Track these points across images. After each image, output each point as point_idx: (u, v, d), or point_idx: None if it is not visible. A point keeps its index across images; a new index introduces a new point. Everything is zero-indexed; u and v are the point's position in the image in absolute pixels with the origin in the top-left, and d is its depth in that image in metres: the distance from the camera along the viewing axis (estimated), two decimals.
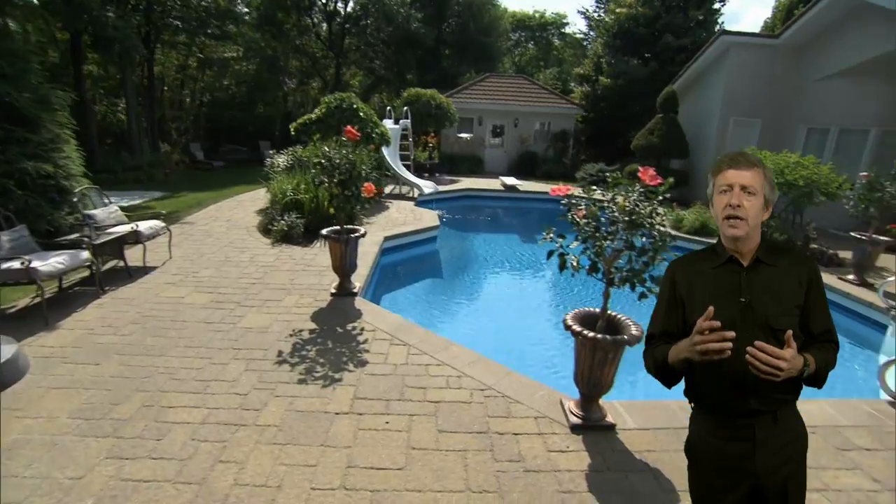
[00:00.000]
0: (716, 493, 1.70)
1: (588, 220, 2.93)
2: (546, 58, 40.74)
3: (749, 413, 1.62)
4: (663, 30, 18.40)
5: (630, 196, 2.85)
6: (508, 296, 7.81)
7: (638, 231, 2.83)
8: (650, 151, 14.28)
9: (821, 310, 1.64)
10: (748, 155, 1.62)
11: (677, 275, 1.74)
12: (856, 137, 11.79)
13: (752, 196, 1.57)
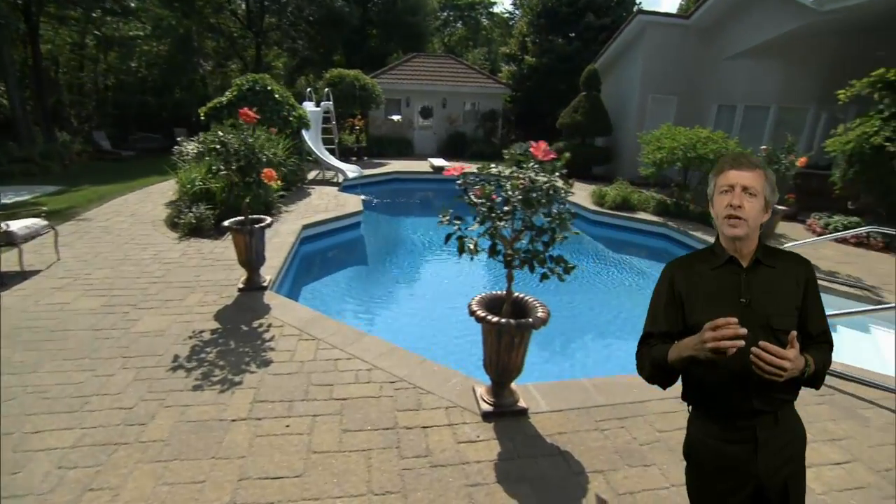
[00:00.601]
0: (719, 496, 1.69)
1: (483, 201, 2.78)
2: (475, 38, 40.54)
3: (751, 414, 1.62)
4: (585, 9, 18.68)
5: (525, 173, 2.72)
6: (435, 280, 7.69)
7: (535, 210, 2.71)
8: (575, 129, 14.53)
9: (818, 311, 1.67)
10: (750, 156, 1.62)
11: (676, 275, 1.72)
12: (759, 114, 12.51)
13: (753, 197, 1.56)
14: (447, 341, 5.35)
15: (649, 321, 1.78)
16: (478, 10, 41.25)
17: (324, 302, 6.36)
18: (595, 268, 8.29)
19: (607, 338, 5.95)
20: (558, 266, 2.79)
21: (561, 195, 2.75)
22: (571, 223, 2.79)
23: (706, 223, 9.20)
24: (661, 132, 9.62)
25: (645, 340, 1.77)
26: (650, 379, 1.74)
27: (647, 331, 1.78)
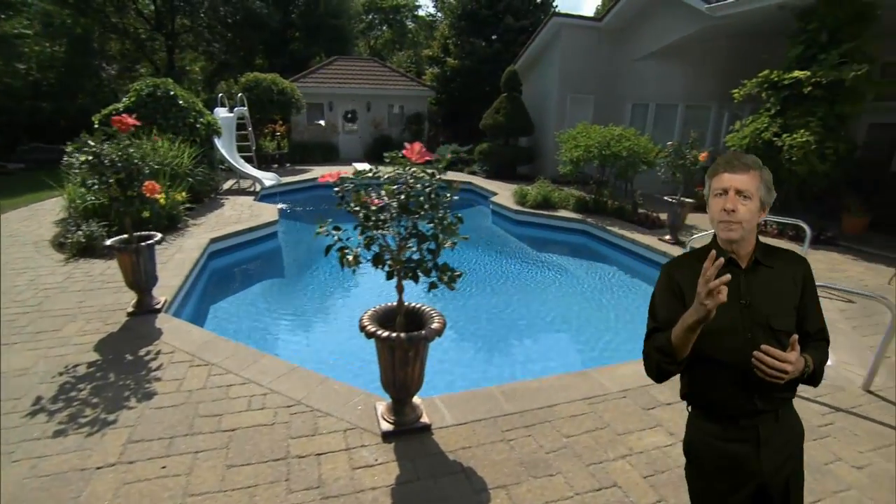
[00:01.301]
0: (721, 495, 1.70)
1: (359, 208, 2.59)
2: (401, 40, 40.38)
3: (753, 413, 1.62)
4: (505, 11, 18.96)
5: (403, 177, 2.55)
6: (355, 292, 7.39)
7: (418, 216, 2.55)
8: (498, 130, 14.67)
9: (815, 309, 1.68)
10: (745, 157, 1.59)
11: (676, 273, 1.72)
12: (669, 111, 13.14)
13: (748, 200, 1.55)
14: (364, 355, 5.10)
15: (652, 319, 1.75)
16: (403, 13, 41.14)
17: (230, 321, 5.94)
18: (519, 267, 8.32)
19: (532, 338, 5.93)
20: (445, 274, 2.64)
21: (445, 200, 2.61)
22: (457, 228, 2.64)
23: (623, 218, 9.50)
24: (577, 131, 9.84)
25: (650, 335, 1.73)
26: (658, 373, 1.67)
27: (650, 328, 1.75)
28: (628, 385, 3.75)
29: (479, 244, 9.74)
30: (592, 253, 8.91)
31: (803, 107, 8.76)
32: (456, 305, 6.83)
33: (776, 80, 9.02)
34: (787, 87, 8.92)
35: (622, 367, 4.05)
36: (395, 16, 41.20)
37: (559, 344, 5.82)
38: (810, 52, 8.89)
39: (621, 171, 9.22)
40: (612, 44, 14.09)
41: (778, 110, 9.11)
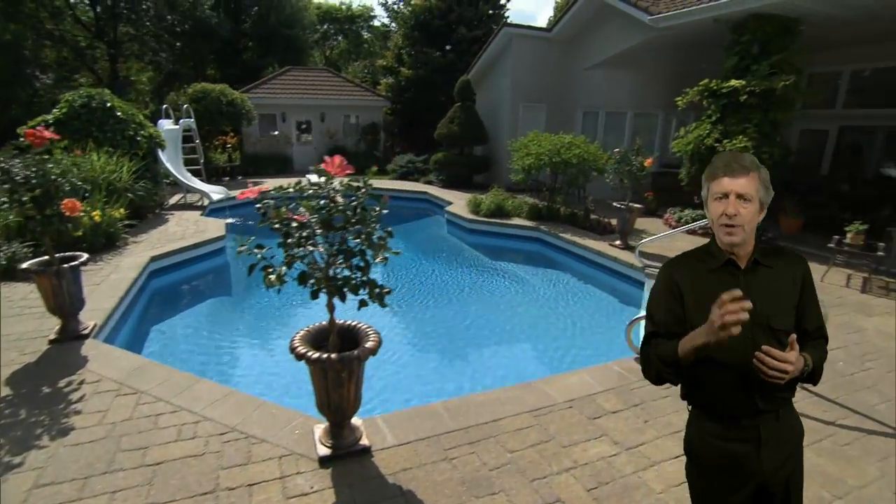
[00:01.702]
0: (721, 494, 1.70)
1: (279, 225, 2.46)
2: (357, 51, 40.18)
3: (754, 413, 1.62)
4: (457, 22, 19.10)
5: (324, 192, 2.44)
6: (303, 310, 7.14)
7: (343, 231, 2.45)
8: (452, 139, 14.70)
9: (813, 307, 1.68)
10: (743, 159, 1.58)
11: (675, 274, 1.71)
12: (618, 119, 13.49)
13: (748, 202, 1.55)
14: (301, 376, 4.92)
15: (651, 321, 1.74)
16: (358, 24, 41.01)
17: (170, 344, 5.64)
18: (475, 277, 8.29)
19: (488, 348, 5.87)
20: (374, 291, 2.53)
21: (374, 214, 2.51)
22: (387, 242, 2.54)
23: (575, 224, 9.63)
24: (529, 139, 9.94)
25: (649, 341, 1.72)
26: (657, 379, 1.68)
27: (649, 331, 1.73)
28: (575, 395, 3.73)
29: (434, 254, 9.68)
30: (546, 260, 8.98)
31: (741, 114, 9.13)
32: (411, 317, 6.73)
33: (715, 88, 9.38)
34: (725, 96, 9.28)
35: (569, 376, 4.03)
36: (351, 26, 41.05)
37: (513, 354, 5.79)
38: (744, 63, 9.29)
39: (572, 178, 9.36)
40: (562, 53, 14.37)
41: (718, 117, 9.47)
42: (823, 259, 7.92)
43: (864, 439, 3.45)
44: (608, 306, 6.95)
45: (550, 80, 14.51)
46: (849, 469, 3.11)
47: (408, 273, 8.69)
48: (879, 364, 4.65)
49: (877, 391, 4.13)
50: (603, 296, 7.35)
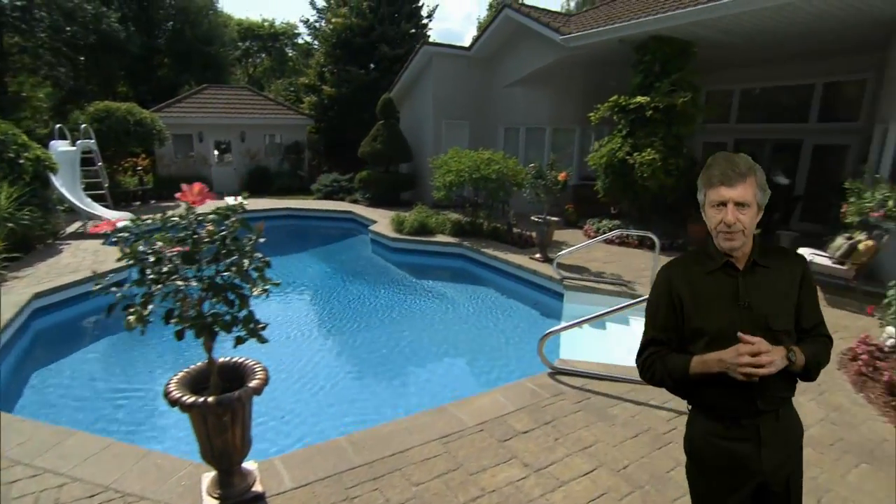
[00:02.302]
0: (721, 494, 1.70)
1: (136, 259, 2.22)
2: (282, 68, 39.29)
3: (754, 413, 1.62)
4: (379, 40, 19.10)
5: (186, 223, 2.23)
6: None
7: (209, 266, 2.24)
8: (376, 157, 14.58)
9: (811, 305, 1.68)
10: (738, 164, 1.58)
11: (673, 278, 1.71)
12: (538, 134, 13.91)
13: (747, 208, 1.57)
14: None
15: (650, 326, 1.76)
16: (282, 41, 40.19)
17: (49, 394, 5.03)
18: (399, 297, 8.13)
19: (410, 370, 5.72)
20: (248, 325, 2.34)
21: (245, 244, 2.32)
22: (264, 272, 2.35)
23: (498, 239, 9.74)
24: (449, 156, 10.00)
25: (647, 346, 1.74)
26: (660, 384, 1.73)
27: (649, 336, 1.75)
28: (486, 416, 3.65)
29: (358, 275, 9.44)
30: (470, 276, 9.00)
31: (648, 128, 9.66)
32: (330, 343, 6.48)
33: (624, 104, 9.88)
34: (633, 111, 9.79)
35: (482, 397, 3.96)
36: (274, 43, 40.15)
37: (433, 375, 5.66)
38: (648, 81, 9.86)
39: (492, 193, 9.49)
40: (482, 71, 14.69)
41: (628, 131, 9.97)
42: None
43: None
44: (529, 320, 7.02)
45: (472, 97, 14.77)
46: None
47: (330, 296, 8.40)
48: None
49: None
50: (524, 309, 7.41)
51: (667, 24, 9.08)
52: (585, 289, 6.99)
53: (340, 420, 4.46)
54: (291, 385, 5.11)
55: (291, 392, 4.96)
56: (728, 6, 7.99)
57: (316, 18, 23.49)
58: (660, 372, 1.69)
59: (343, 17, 19.24)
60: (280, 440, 4.05)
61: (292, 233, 13.81)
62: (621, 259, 8.74)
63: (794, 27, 8.81)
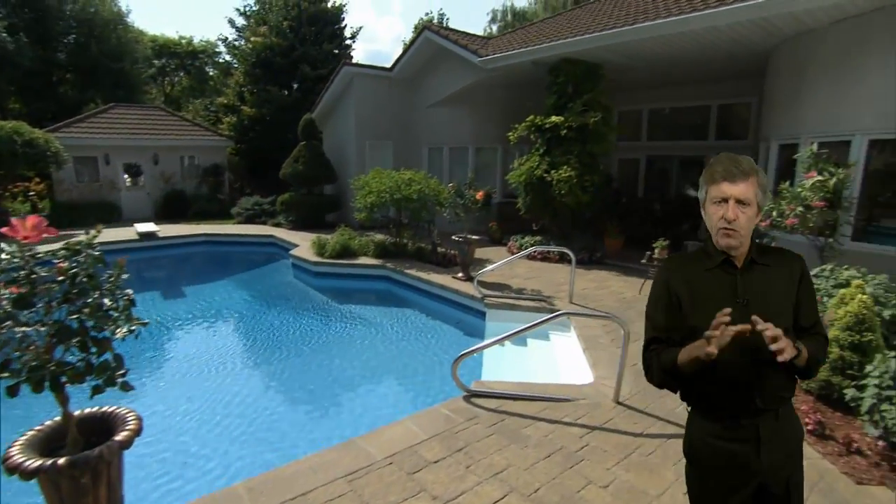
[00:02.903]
0: (721, 495, 1.69)
1: None
2: (202, 88, 37.66)
3: (753, 412, 1.62)
4: (300, 60, 18.80)
5: (19, 262, 1.97)
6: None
7: (59, 308, 1.98)
8: (298, 179, 14.21)
9: (810, 304, 1.68)
10: (742, 163, 1.61)
11: (671, 277, 1.72)
12: (461, 153, 14.12)
13: (747, 207, 1.58)
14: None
15: (650, 326, 1.77)
16: (202, 59, 38.58)
17: None
18: (321, 323, 7.83)
19: (331, 401, 5.46)
20: (105, 373, 2.09)
21: (104, 282, 2.08)
22: (129, 311, 2.12)
23: (422, 259, 9.68)
24: (370, 177, 9.88)
25: (649, 346, 1.75)
26: (661, 385, 1.74)
27: (649, 336, 1.76)
28: (396, 448, 3.51)
29: (278, 302, 9.04)
30: (394, 298, 8.85)
31: (563, 146, 10.03)
32: (248, 375, 6.09)
33: (540, 124, 10.22)
34: (548, 130, 10.14)
35: (393, 427, 3.82)
36: (193, 62, 38.49)
37: (356, 403, 5.45)
38: (562, 101, 10.27)
39: (414, 213, 9.45)
40: (405, 92, 14.77)
41: (545, 150, 10.30)
42: (640, 272, 8.82)
43: (665, 444, 3.70)
44: (452, 341, 6.96)
45: (395, 117, 14.79)
46: (651, 479, 3.27)
47: (248, 325, 7.97)
48: None
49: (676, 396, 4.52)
50: (448, 330, 7.36)
51: (575, 48, 9.54)
52: (506, 306, 7.05)
53: (251, 460, 4.15)
54: (203, 424, 4.73)
55: (202, 432, 4.59)
56: (624, 34, 8.55)
57: (235, 37, 22.74)
58: (655, 368, 1.71)
59: (263, 37, 18.80)
60: (182, 488, 3.70)
61: (210, 260, 13.10)
62: (542, 274, 8.93)
63: (688, 55, 9.55)
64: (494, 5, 55.98)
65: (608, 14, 10.63)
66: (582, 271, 9.16)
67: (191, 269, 12.56)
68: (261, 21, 20.04)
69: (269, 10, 20.20)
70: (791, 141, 8.14)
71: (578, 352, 5.64)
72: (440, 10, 45.96)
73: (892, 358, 3.97)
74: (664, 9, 8.70)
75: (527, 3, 30.98)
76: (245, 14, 22.10)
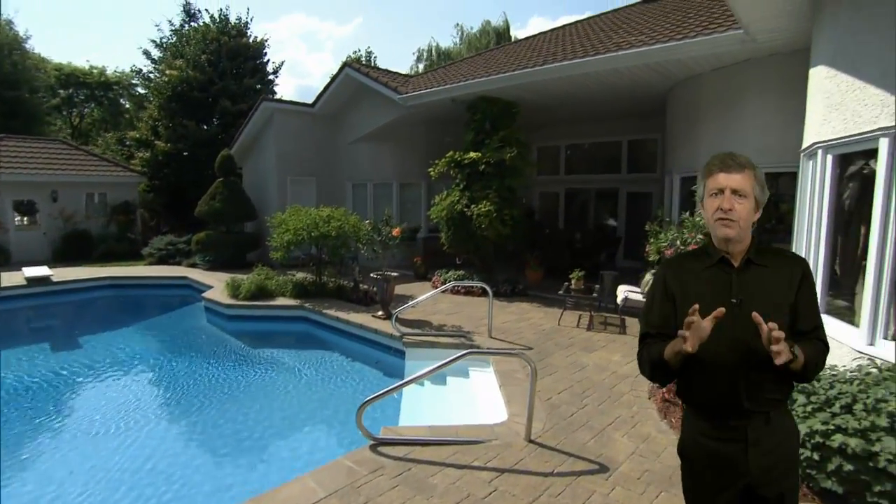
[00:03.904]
0: (709, 493, 1.72)
1: None
2: (116, 121, 35.55)
3: (742, 414, 1.63)
4: (220, 94, 18.24)
5: None
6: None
7: None
8: (216, 217, 13.55)
9: (809, 308, 1.65)
10: (738, 157, 1.64)
11: (668, 275, 1.76)
12: (385, 189, 14.08)
13: (744, 199, 1.59)
14: None
15: (644, 322, 1.82)
16: (116, 91, 36.53)
17: None
18: (233, 371, 7.28)
19: (240, 456, 4.99)
20: None
21: None
22: None
23: (343, 298, 9.38)
24: (288, 214, 9.56)
25: (643, 340, 1.80)
26: (652, 378, 1.81)
27: (643, 331, 1.81)
28: None
29: (188, 350, 8.38)
30: (314, 340, 8.46)
31: (482, 181, 10.20)
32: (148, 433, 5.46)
33: (459, 160, 10.38)
34: (468, 166, 10.31)
35: (290, 486, 3.51)
36: (106, 93, 36.40)
37: (264, 458, 5.01)
38: (480, 137, 10.52)
39: (333, 250, 9.19)
40: (327, 128, 14.64)
41: (465, 185, 10.44)
42: (561, 303, 8.97)
43: (575, 484, 3.63)
44: (370, 383, 6.67)
45: (318, 153, 14.59)
46: None
47: (154, 377, 7.32)
48: (594, 398, 5.19)
49: (589, 427, 4.52)
50: (367, 371, 7.08)
51: (490, 87, 9.87)
52: (426, 344, 6.89)
53: None
54: (88, 495, 4.15)
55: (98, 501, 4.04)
56: (534, 74, 9.02)
57: (150, 69, 21.77)
58: (645, 360, 1.75)
59: (179, 70, 18.10)
60: None
61: (115, 305, 12.06)
62: (464, 309, 8.88)
63: (597, 95, 10.17)
64: (420, 45, 57.76)
65: (522, 55, 11.13)
66: (504, 304, 9.23)
67: (92, 317, 11.46)
68: (177, 54, 19.33)
69: (187, 42, 19.57)
70: (691, 174, 8.71)
71: (496, 388, 5.55)
72: (367, 48, 46.59)
73: None
74: (571, 52, 9.22)
75: (451, 43, 32.00)
76: (162, 46, 21.29)
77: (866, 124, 4.13)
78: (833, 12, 4.80)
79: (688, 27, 7.75)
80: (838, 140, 4.55)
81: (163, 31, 21.64)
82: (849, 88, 4.41)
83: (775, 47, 6.91)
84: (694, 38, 7.21)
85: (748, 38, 6.55)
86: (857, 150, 4.45)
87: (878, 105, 4.01)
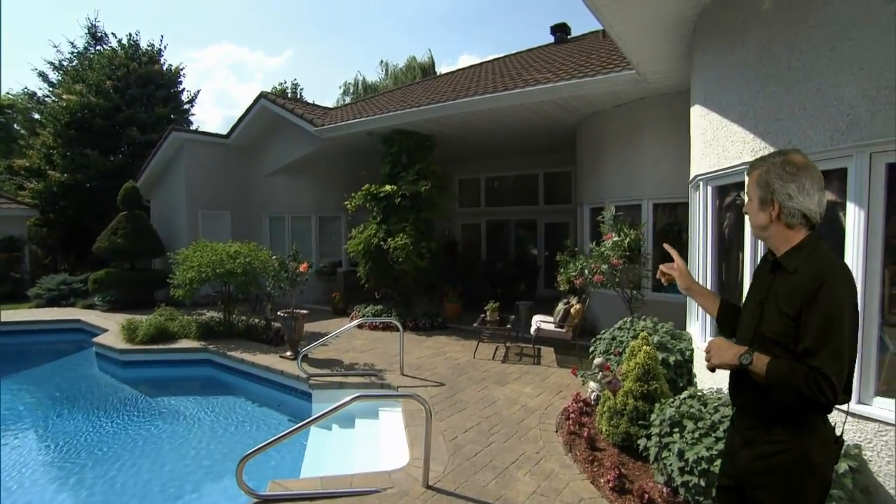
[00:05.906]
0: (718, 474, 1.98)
1: None
2: (8, 148, 32.41)
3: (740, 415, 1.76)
4: (126, 123, 17.18)
5: None
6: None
7: None
8: (118, 253, 12.54)
9: (809, 329, 1.55)
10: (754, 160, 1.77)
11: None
12: (304, 222, 13.72)
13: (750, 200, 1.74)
14: None
15: None
16: (8, 115, 33.45)
17: None
18: (124, 424, 6.58)
19: None
20: None
21: None
22: None
23: (253, 338, 8.88)
24: (193, 250, 8.99)
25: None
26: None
27: None
28: None
29: (76, 402, 7.52)
30: (218, 385, 7.89)
31: (399, 214, 10.14)
32: None
33: (375, 192, 10.28)
34: (384, 199, 10.23)
35: None
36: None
37: None
38: (396, 170, 10.50)
39: (241, 287, 8.71)
40: (243, 159, 14.14)
41: (382, 218, 10.33)
42: (478, 335, 8.95)
43: None
44: (274, 429, 6.24)
45: (233, 185, 14.01)
46: None
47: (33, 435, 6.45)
48: (501, 435, 5.10)
49: (492, 468, 4.41)
50: (273, 417, 6.65)
51: (404, 120, 9.93)
52: (334, 385, 6.58)
53: None
54: None
55: None
56: (446, 108, 9.18)
57: (46, 93, 20.16)
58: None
59: (78, 95, 16.87)
60: None
61: None
62: (380, 346, 8.64)
63: (511, 129, 10.52)
64: (347, 78, 57.88)
65: (439, 90, 11.35)
66: (423, 338, 9.09)
67: None
68: (77, 78, 18.05)
69: (90, 66, 18.36)
70: (598, 205, 9.11)
71: (402, 430, 5.35)
72: (294, 79, 46.09)
73: (668, 406, 4.30)
74: (482, 88, 9.49)
75: (377, 78, 32.30)
76: (61, 68, 19.83)
77: (733, 158, 4.48)
78: (701, 59, 5.24)
79: (590, 67, 8.21)
80: (715, 172, 4.91)
81: (62, 52, 20.14)
82: (718, 126, 4.78)
83: (664, 87, 7.45)
84: (594, 77, 7.64)
85: (640, 77, 7.02)
86: (730, 183, 4.80)
87: (740, 142, 4.38)
